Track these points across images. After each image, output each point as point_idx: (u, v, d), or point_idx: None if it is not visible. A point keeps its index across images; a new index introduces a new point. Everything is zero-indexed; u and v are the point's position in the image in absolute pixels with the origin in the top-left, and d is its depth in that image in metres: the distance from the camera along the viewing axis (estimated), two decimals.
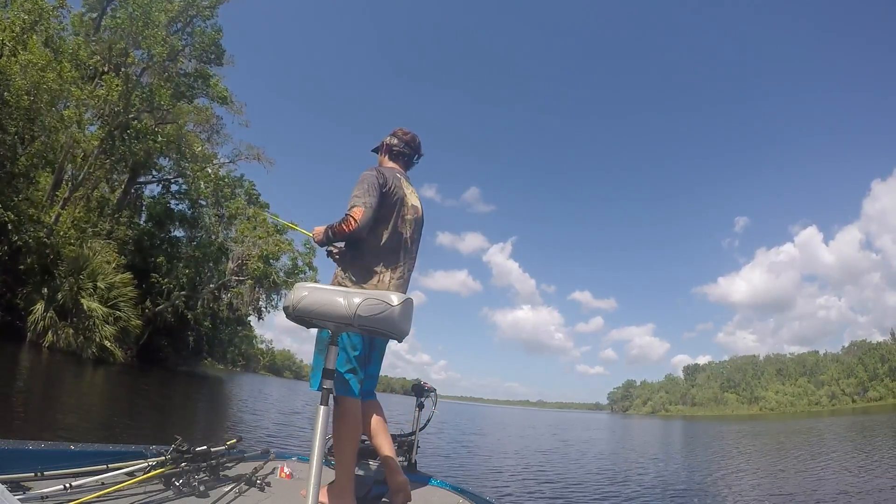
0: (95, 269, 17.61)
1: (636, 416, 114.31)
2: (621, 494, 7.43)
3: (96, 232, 19.82)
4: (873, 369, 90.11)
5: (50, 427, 5.69)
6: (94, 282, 17.41)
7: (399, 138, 2.49)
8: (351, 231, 2.10)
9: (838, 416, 60.40)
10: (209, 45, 20.85)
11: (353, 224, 2.09)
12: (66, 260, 16.98)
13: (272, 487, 2.15)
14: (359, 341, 2.16)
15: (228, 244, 24.78)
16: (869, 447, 16.32)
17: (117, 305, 18.20)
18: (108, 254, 18.98)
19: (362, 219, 2.09)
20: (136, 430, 6.74)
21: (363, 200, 2.12)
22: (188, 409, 12.00)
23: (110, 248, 19.59)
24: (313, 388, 1.98)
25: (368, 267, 2.18)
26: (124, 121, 18.74)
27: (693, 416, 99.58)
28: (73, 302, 16.60)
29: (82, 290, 16.90)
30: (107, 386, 12.84)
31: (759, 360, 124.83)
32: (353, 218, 2.09)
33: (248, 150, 25.99)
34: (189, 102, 22.12)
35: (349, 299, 1.53)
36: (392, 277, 2.21)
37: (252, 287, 25.44)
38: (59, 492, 1.57)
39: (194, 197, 25.88)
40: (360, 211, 2.10)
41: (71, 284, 16.62)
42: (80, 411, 7.55)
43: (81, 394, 9.86)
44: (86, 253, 17.62)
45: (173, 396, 14.67)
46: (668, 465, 12.63)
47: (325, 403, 1.55)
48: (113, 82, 17.95)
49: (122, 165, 20.22)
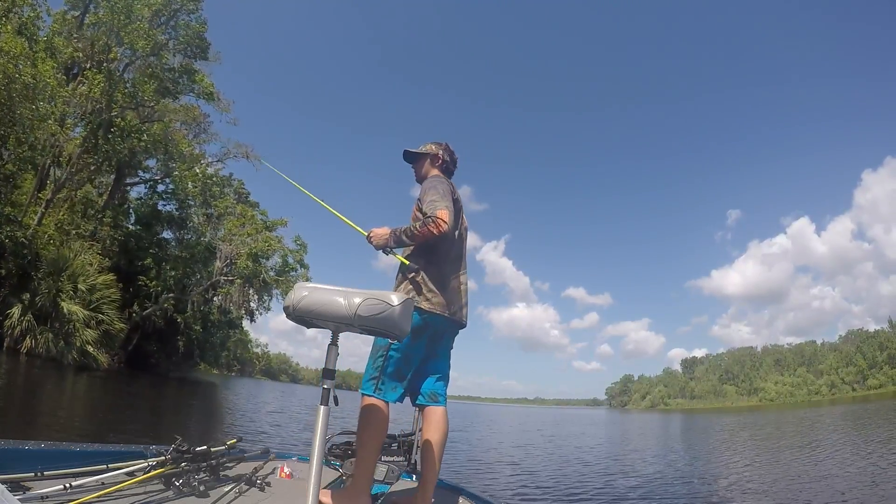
0: (76, 271, 17.14)
1: (635, 411, 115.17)
2: (625, 490, 7.50)
3: (80, 233, 19.54)
4: (872, 357, 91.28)
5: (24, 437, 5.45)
6: (75, 284, 16.92)
7: (446, 150, 2.54)
8: (441, 233, 2.07)
9: (839, 404, 61.16)
10: (193, 38, 20.63)
11: (444, 226, 2.06)
12: (46, 261, 16.53)
13: (272, 487, 2.15)
14: (419, 345, 2.17)
15: (216, 243, 24.51)
16: (872, 435, 16.53)
17: (99, 308, 17.74)
18: (90, 255, 18.55)
19: (450, 220, 2.08)
20: (119, 438, 6.45)
21: (446, 203, 2.11)
22: (171, 416, 11.38)
23: (93, 249, 19.24)
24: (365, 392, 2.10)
25: (444, 273, 2.21)
26: (107, 118, 18.52)
27: (693, 409, 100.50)
28: (51, 305, 16.15)
29: (61, 293, 16.42)
30: (86, 394, 12.26)
31: (757, 352, 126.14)
32: (443, 220, 2.06)
33: (236, 147, 25.85)
34: (174, 99, 21.90)
35: (349, 299, 1.56)
36: (461, 283, 2.27)
37: (241, 286, 25.23)
38: (59, 492, 1.58)
39: (182, 197, 25.66)
40: (446, 213, 2.08)
41: (49, 287, 16.13)
42: (58, 421, 7.07)
43: (59, 402, 9.37)
44: (66, 254, 17.14)
45: (158, 403, 14.05)
46: (673, 458, 12.71)
47: (324, 403, 1.57)
48: (95, 78, 17.72)
49: (107, 165, 19.99)
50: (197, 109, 23.90)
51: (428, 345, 2.22)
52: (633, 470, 9.78)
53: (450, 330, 2.32)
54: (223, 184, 26.76)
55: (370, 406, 2.09)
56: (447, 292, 2.19)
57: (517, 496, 6.65)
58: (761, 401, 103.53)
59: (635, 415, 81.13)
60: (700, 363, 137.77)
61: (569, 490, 7.23)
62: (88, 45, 18.74)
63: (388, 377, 2.13)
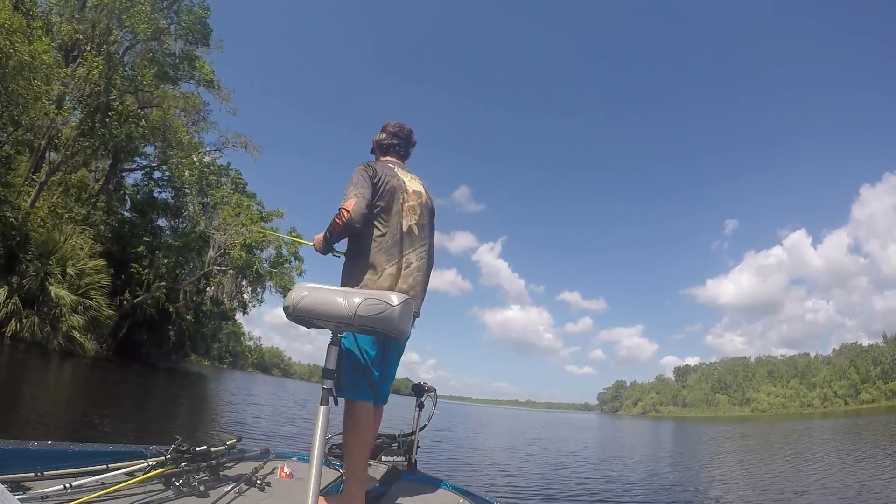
0: (66, 255, 16.88)
1: (627, 417, 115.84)
2: (618, 493, 7.54)
3: (73, 217, 19.37)
4: (866, 371, 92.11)
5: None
6: (64, 268, 16.66)
7: (387, 131, 2.50)
8: (345, 222, 2.07)
9: (830, 418, 61.69)
10: (195, 23, 20.49)
11: (346, 215, 2.06)
12: (35, 244, 16.29)
13: (272, 487, 2.16)
14: (370, 342, 2.11)
15: (210, 232, 24.25)
16: (866, 450, 16.66)
17: (88, 293, 17.50)
18: (81, 239, 18.28)
19: (355, 208, 2.06)
20: (94, 431, 6.16)
21: (354, 192, 2.11)
22: (148, 407, 10.97)
23: (85, 234, 19.02)
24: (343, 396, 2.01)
25: (368, 262, 2.15)
26: (105, 101, 18.38)
27: (684, 417, 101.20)
28: (39, 288, 15.90)
29: (49, 276, 16.16)
30: (68, 381, 12.03)
31: (750, 362, 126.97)
32: (345, 209, 2.07)
33: (234, 137, 25.73)
34: (174, 85, 21.76)
35: (349, 299, 1.57)
36: (402, 269, 2.18)
37: (234, 277, 24.99)
38: (59, 492, 1.58)
39: (178, 185, 25.52)
40: (351, 202, 2.07)
41: (37, 269, 15.88)
42: (34, 410, 6.91)
43: (39, 390, 9.20)
44: (56, 237, 16.89)
45: (139, 393, 13.75)
46: (665, 465, 12.84)
47: (324, 403, 1.59)
48: (94, 61, 17.57)
49: (103, 149, 19.78)
50: (197, 98, 23.78)
51: (376, 340, 2.15)
52: (620, 476, 9.84)
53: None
54: (220, 173, 26.65)
55: (357, 409, 2.07)
56: (373, 281, 2.12)
57: (516, 496, 6.68)
58: (753, 411, 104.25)
59: (626, 420, 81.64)
60: (693, 371, 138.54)
61: (566, 490, 7.28)
62: (90, 27, 18.57)
63: (366, 377, 2.10)
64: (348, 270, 2.20)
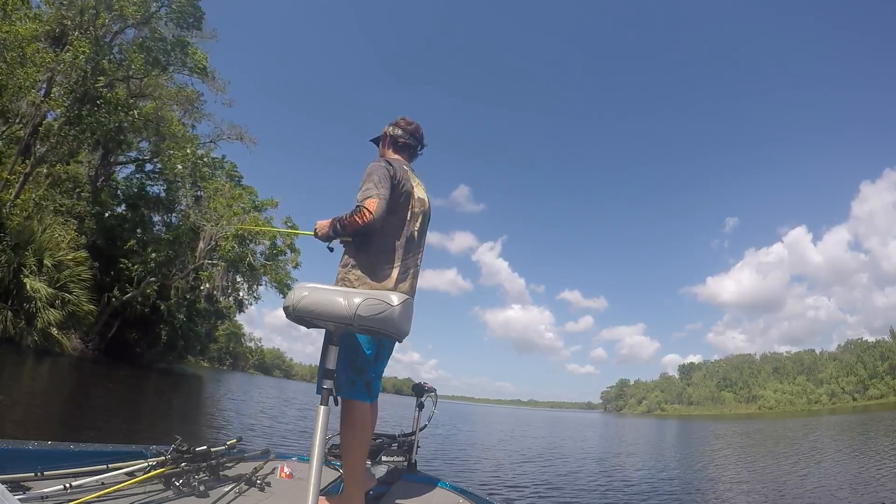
0: (43, 245, 16.19)
1: (631, 416, 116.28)
2: (620, 493, 7.60)
3: (57, 209, 18.95)
4: (873, 367, 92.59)
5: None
6: (41, 259, 15.99)
7: (403, 128, 2.45)
8: (366, 223, 2.03)
9: (840, 414, 61.97)
10: (186, 4, 20.11)
11: (368, 216, 2.02)
12: (10, 233, 15.70)
13: (272, 487, 2.18)
14: (367, 341, 2.12)
15: (200, 223, 23.41)
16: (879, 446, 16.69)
17: (67, 287, 16.75)
18: (63, 230, 17.68)
19: (377, 210, 2.04)
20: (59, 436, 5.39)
21: (376, 192, 2.07)
22: (122, 413, 9.11)
23: (68, 224, 18.47)
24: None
25: (377, 263, 2.15)
26: (92, 88, 18.08)
27: (690, 416, 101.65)
28: (13, 281, 15.27)
29: (24, 267, 15.50)
30: (42, 382, 10.98)
31: (756, 359, 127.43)
32: (368, 209, 2.03)
33: (229, 129, 25.47)
34: (164, 71, 21.34)
35: (349, 299, 1.59)
36: (400, 273, 2.19)
37: (225, 270, 24.01)
38: (59, 492, 1.60)
39: (170, 178, 25.19)
40: (374, 202, 2.04)
41: (10, 260, 15.22)
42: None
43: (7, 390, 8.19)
44: (33, 227, 16.23)
45: (115, 396, 11.93)
46: (671, 465, 12.91)
47: (324, 403, 1.60)
48: (80, 45, 17.30)
49: (91, 138, 19.44)
50: (192, 90, 23.45)
51: (372, 339, 2.17)
52: (624, 476, 9.91)
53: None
54: (215, 165, 26.32)
55: (355, 408, 2.08)
56: (380, 283, 2.12)
57: (516, 496, 6.73)
58: (760, 408, 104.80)
59: (631, 419, 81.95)
60: (697, 369, 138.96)
61: (567, 490, 7.32)
62: (77, 12, 18.29)
63: (363, 376, 2.11)
64: (348, 269, 2.19)
